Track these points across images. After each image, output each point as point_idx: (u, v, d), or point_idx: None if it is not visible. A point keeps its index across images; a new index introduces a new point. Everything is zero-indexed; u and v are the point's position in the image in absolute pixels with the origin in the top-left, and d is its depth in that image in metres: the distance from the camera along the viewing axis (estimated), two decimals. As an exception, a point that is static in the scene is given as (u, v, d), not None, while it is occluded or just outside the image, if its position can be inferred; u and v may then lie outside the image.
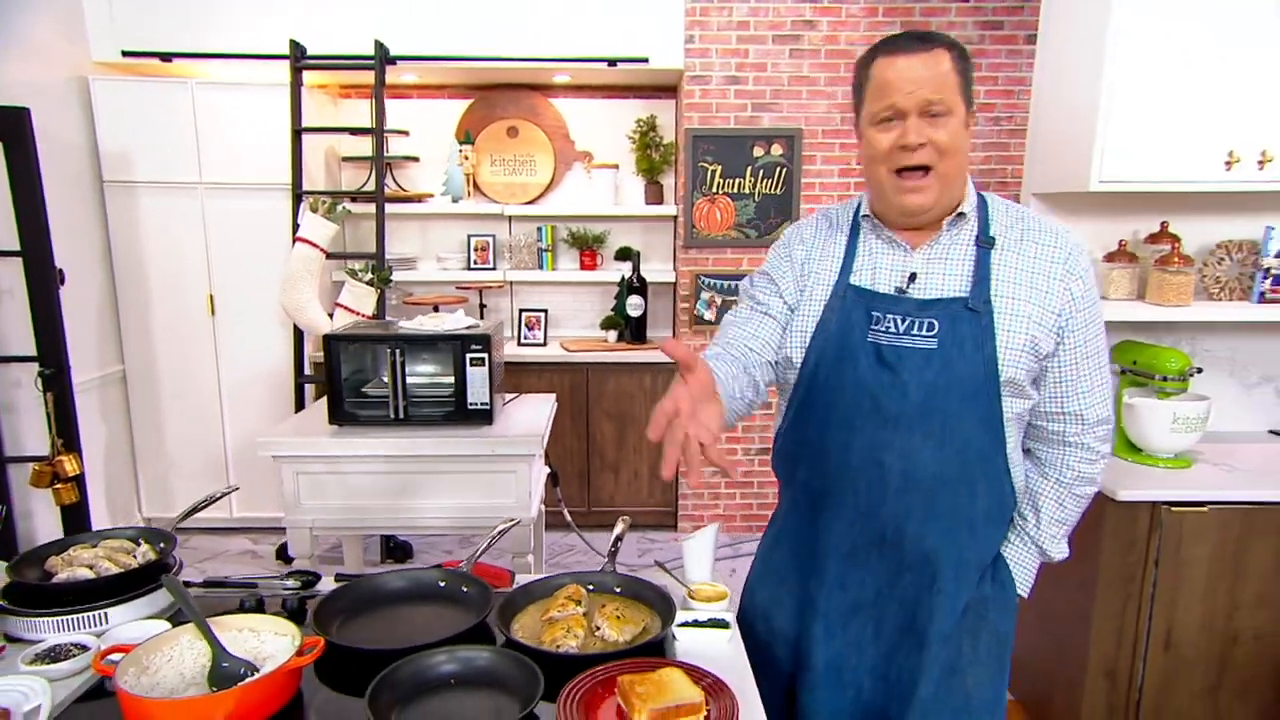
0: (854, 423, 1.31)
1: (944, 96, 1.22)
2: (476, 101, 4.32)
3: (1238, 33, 2.18)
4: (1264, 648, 2.27)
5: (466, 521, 2.55)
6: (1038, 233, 1.32)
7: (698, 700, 1.08)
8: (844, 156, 3.85)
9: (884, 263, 1.34)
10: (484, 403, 2.55)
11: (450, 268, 4.28)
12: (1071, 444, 1.39)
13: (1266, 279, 2.40)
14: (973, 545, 1.36)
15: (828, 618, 1.40)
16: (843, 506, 1.35)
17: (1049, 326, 1.29)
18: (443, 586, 1.47)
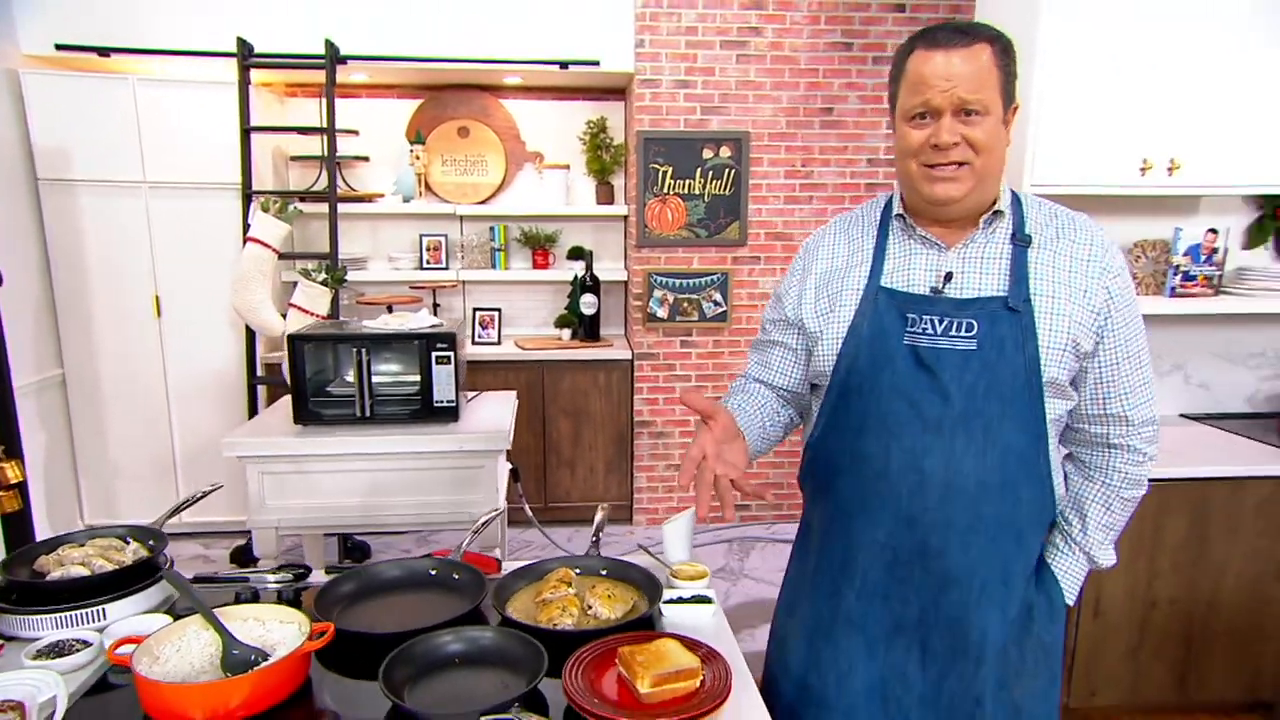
0: (892, 428, 1.26)
1: (981, 95, 1.18)
2: (427, 101, 4.33)
3: (1151, 49, 2.37)
4: (1177, 611, 2.48)
5: (434, 518, 2.59)
6: (1072, 230, 1.29)
7: (695, 665, 1.17)
8: (789, 159, 3.99)
9: (918, 263, 1.29)
10: (450, 400, 2.59)
11: (402, 267, 4.27)
12: (1116, 446, 1.34)
13: (1176, 275, 2.62)
14: (1019, 554, 1.31)
15: (868, 632, 1.33)
16: (883, 514, 1.29)
17: (1089, 325, 1.25)
18: (434, 575, 1.53)
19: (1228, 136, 2.42)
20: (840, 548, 1.36)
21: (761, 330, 1.50)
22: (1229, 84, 2.40)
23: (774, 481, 4.31)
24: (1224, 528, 2.43)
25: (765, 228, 4.05)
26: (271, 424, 2.64)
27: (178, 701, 1.10)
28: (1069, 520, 1.38)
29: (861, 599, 1.33)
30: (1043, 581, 1.37)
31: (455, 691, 1.19)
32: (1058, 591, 1.38)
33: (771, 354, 1.46)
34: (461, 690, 1.20)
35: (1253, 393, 2.94)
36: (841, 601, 1.36)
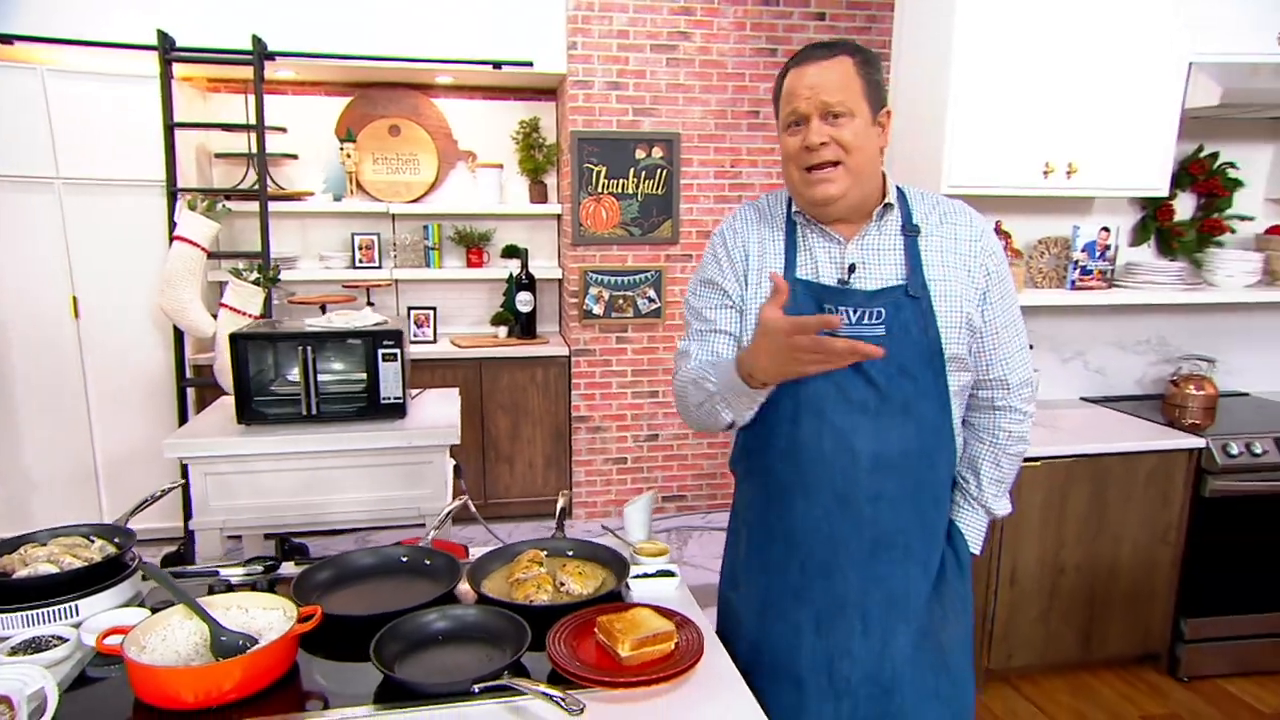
0: (823, 412, 1.36)
1: (843, 98, 1.30)
2: (356, 99, 4.28)
3: (1053, 62, 2.59)
4: (1082, 576, 2.72)
5: (383, 514, 2.60)
6: (953, 216, 1.42)
7: (670, 629, 1.27)
8: (718, 160, 4.13)
9: (822, 255, 1.40)
10: (397, 397, 2.61)
11: (334, 266, 4.22)
12: (1000, 408, 1.47)
13: (1075, 269, 2.87)
14: (936, 514, 1.44)
15: (816, 606, 1.42)
16: (820, 494, 1.39)
17: (975, 302, 1.38)
18: (405, 561, 1.57)
19: (1117, 143, 2.67)
20: (782, 528, 1.44)
21: (698, 319, 1.48)
22: (1119, 96, 2.64)
23: (707, 472, 4.45)
24: (1120, 498, 2.68)
25: (696, 226, 4.18)
26: (212, 425, 2.60)
27: (173, 685, 1.13)
28: (966, 479, 1.51)
29: (806, 574, 1.42)
30: (952, 538, 1.50)
31: (443, 665, 1.25)
32: (963, 545, 1.50)
33: (717, 342, 1.45)
34: (449, 664, 1.25)
35: (1141, 376, 3.23)
36: (788, 577, 1.44)
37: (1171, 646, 2.82)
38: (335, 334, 2.56)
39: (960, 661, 1.48)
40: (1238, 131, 3.12)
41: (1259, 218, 3.21)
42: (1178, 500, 2.70)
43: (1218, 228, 3.11)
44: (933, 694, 1.44)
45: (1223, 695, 2.75)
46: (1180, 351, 3.20)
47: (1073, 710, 2.66)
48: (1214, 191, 3.11)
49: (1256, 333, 3.27)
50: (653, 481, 4.41)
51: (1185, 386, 3.01)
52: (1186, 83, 2.67)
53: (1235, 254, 3.00)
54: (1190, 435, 2.68)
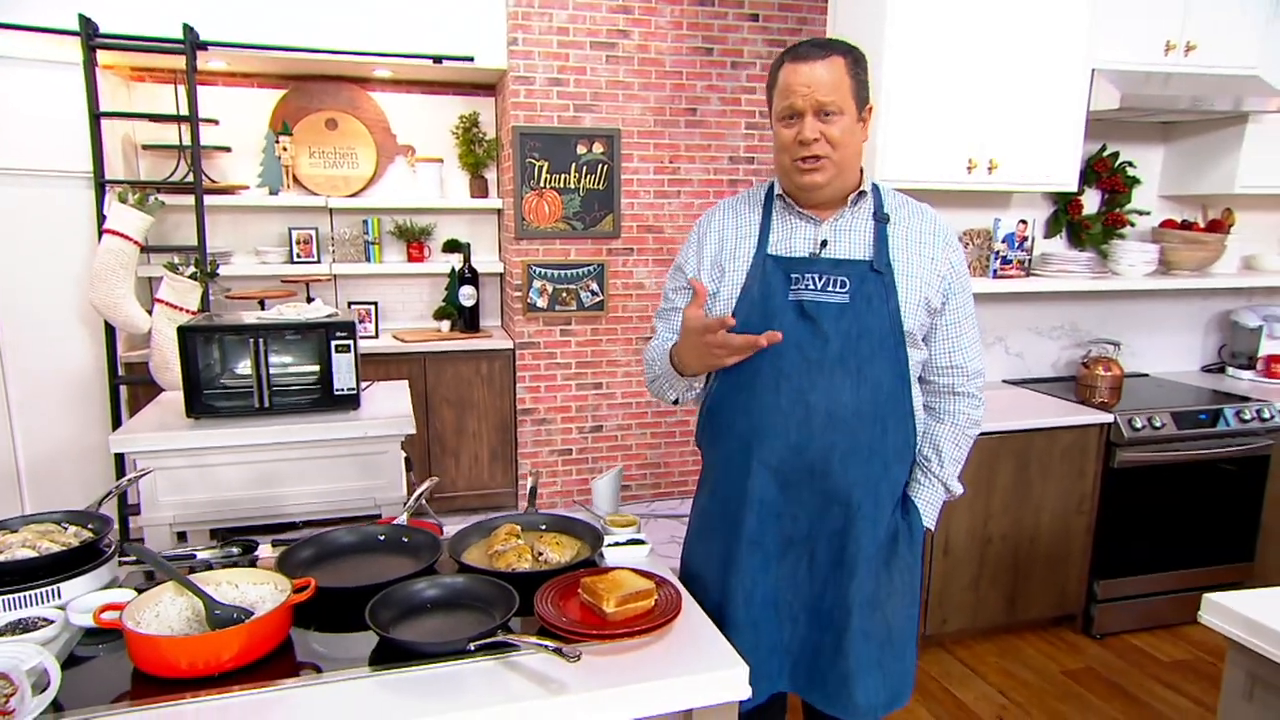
0: (783, 369, 1.50)
1: (836, 98, 1.43)
2: (291, 92, 4.23)
3: (976, 64, 2.79)
4: (1007, 546, 2.94)
5: (337, 505, 2.61)
6: (920, 215, 1.58)
7: (650, 587, 1.36)
8: (658, 156, 4.24)
9: (798, 234, 1.55)
10: (350, 388, 2.62)
11: (271, 261, 4.16)
12: (959, 394, 1.63)
13: (997, 259, 3.08)
14: (886, 479, 1.56)
15: (765, 548, 1.56)
16: (776, 443, 1.52)
17: (936, 287, 1.53)
18: (383, 539, 1.62)
19: (1032, 142, 2.89)
20: (739, 478, 1.56)
21: (665, 300, 1.69)
22: (1033, 98, 2.86)
23: (651, 461, 4.56)
24: (1040, 471, 2.90)
25: (638, 220, 4.28)
26: (157, 420, 2.57)
27: (174, 654, 1.16)
28: (928, 458, 1.65)
29: (760, 519, 1.55)
30: (906, 513, 1.63)
31: (436, 629, 1.32)
32: (917, 521, 1.64)
33: (678, 320, 1.62)
34: (442, 628, 1.32)
35: (1056, 360, 3.49)
36: (743, 526, 1.56)
37: (1086, 607, 3.07)
38: (289, 326, 2.56)
39: (904, 634, 1.61)
40: (1135, 134, 3.41)
41: (1154, 212, 3.51)
42: (1091, 472, 2.94)
43: (1120, 221, 3.38)
44: (876, 663, 1.57)
45: (1130, 649, 3.01)
46: (1090, 336, 3.47)
47: (1000, 669, 2.87)
48: (1116, 188, 3.39)
49: (1154, 318, 3.58)
50: (598, 472, 4.49)
51: (1095, 368, 3.27)
52: (1091, 87, 2.91)
53: (1135, 245, 3.28)
54: (1100, 412, 2.92)
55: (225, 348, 2.68)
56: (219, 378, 2.63)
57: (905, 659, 1.63)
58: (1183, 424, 2.93)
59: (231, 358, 2.69)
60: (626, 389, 4.43)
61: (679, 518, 4.29)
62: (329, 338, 2.58)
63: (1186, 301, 3.60)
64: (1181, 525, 3.04)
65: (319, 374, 2.60)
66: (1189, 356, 3.67)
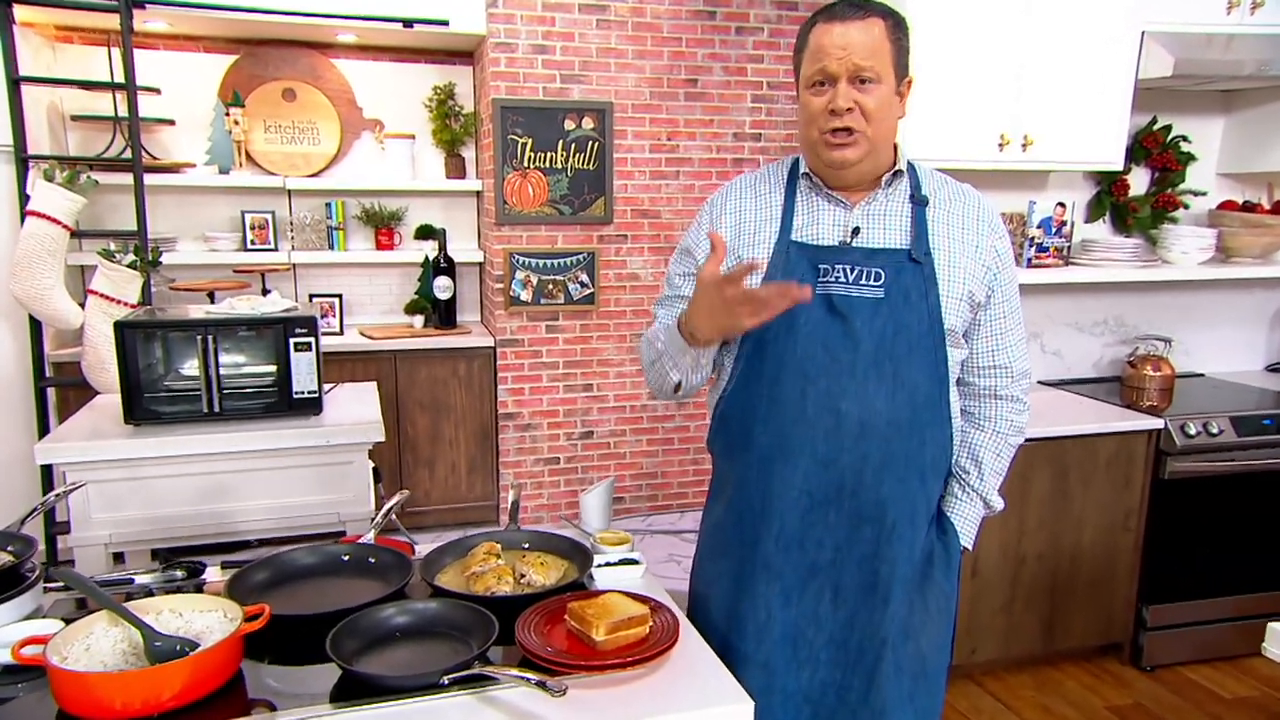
0: (809, 373, 1.46)
1: (874, 63, 1.39)
2: (244, 58, 4.21)
3: (1010, 33, 2.78)
4: (1044, 566, 2.93)
5: (296, 520, 2.59)
6: (961, 196, 1.54)
7: (644, 612, 1.35)
8: (654, 131, 4.23)
9: (825, 218, 1.51)
10: (312, 391, 2.60)
11: (222, 249, 4.14)
12: (1002, 397, 1.60)
13: (1032, 247, 3.08)
14: (922, 494, 1.53)
15: (784, 579, 1.52)
16: (801, 457, 1.48)
17: (980, 279, 1.50)
18: (348, 560, 1.61)
19: (1072, 115, 2.89)
20: (758, 496, 1.53)
21: (669, 285, 1.64)
22: (1073, 66, 2.85)
23: (647, 471, 4.55)
24: (1080, 483, 2.89)
25: (632, 204, 4.26)
26: (90, 427, 2.54)
27: (107, 693, 1.14)
28: (966, 469, 1.62)
29: (779, 545, 1.52)
30: (941, 531, 1.61)
31: (406, 661, 1.30)
32: (954, 540, 1.61)
33: (680, 308, 1.54)
34: (412, 660, 1.30)
35: (1098, 358, 3.48)
36: (759, 549, 1.53)
37: (1134, 635, 3.06)
38: (241, 322, 2.54)
39: (937, 666, 1.60)
40: (1190, 104, 3.40)
41: (1211, 192, 3.50)
42: (1138, 483, 2.94)
43: (1172, 203, 3.38)
44: (908, 699, 1.56)
45: (1186, 683, 3.00)
46: (1137, 332, 3.46)
47: (1038, 705, 2.86)
48: (1168, 166, 3.38)
49: (1210, 311, 3.57)
50: (588, 483, 4.45)
51: (1143, 368, 3.26)
52: (1140, 52, 2.90)
53: (1189, 230, 3.27)
54: (1149, 416, 2.91)
55: (169, 345, 2.65)
56: (162, 379, 2.61)
57: (937, 694, 1.62)
58: (1243, 430, 2.92)
59: (176, 357, 2.67)
60: (620, 391, 4.41)
61: (678, 534, 4.28)
62: (287, 335, 2.56)
63: (1248, 293, 3.59)
64: (1242, 544, 3.03)
65: (276, 375, 2.58)
66: (1250, 355, 3.67)
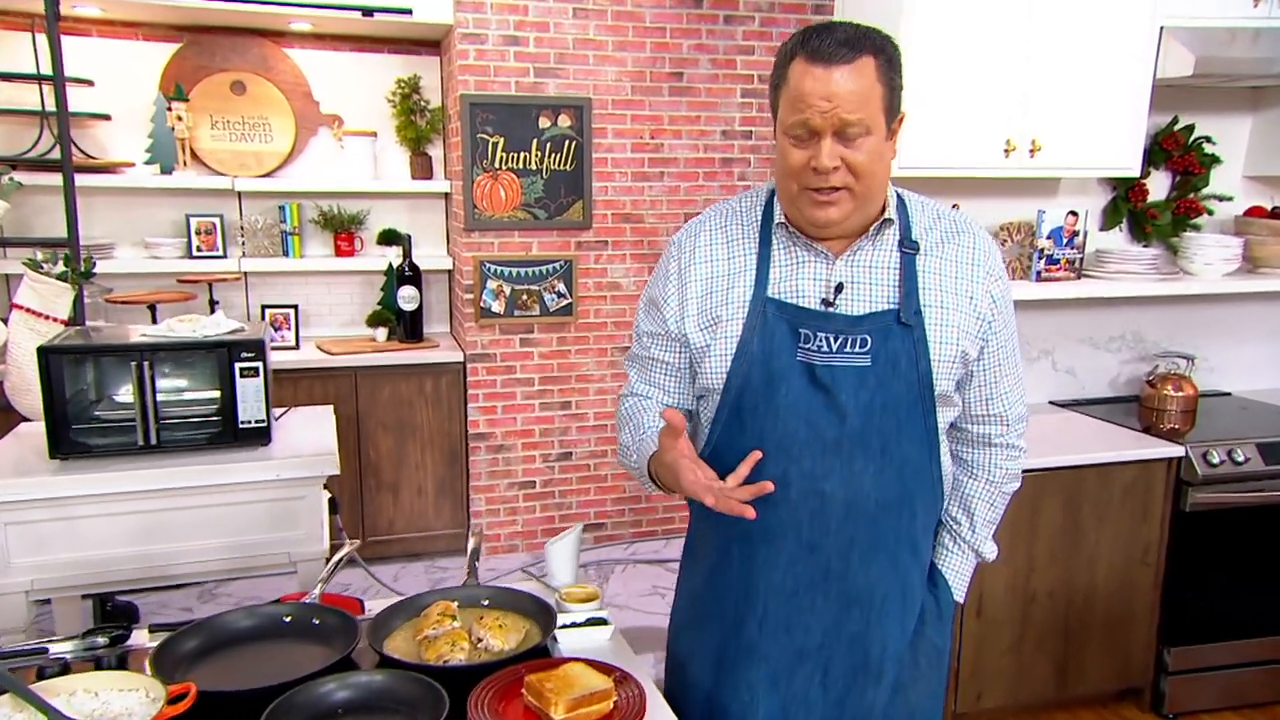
0: (790, 451, 1.42)
1: (864, 114, 1.31)
2: (187, 47, 4.17)
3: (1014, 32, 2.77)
4: (1055, 604, 2.92)
5: (243, 562, 2.56)
6: (956, 235, 1.49)
7: (608, 686, 1.33)
8: (637, 129, 4.21)
9: (805, 272, 1.45)
10: (259, 420, 2.58)
11: (164, 256, 4.12)
12: (997, 445, 1.60)
13: (1041, 259, 3.08)
14: (915, 565, 1.54)
15: (771, 663, 1.51)
16: (784, 541, 1.46)
17: (974, 332, 1.47)
18: (289, 622, 1.58)
19: (1085, 118, 2.88)
20: (740, 577, 1.53)
21: (637, 343, 1.63)
22: (1085, 66, 2.85)
23: (630, 495, 4.53)
24: (1094, 514, 2.89)
25: (612, 208, 4.25)
26: (11, 460, 2.51)
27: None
28: (957, 520, 1.63)
29: (764, 630, 1.52)
30: (932, 585, 1.61)
31: (346, 745, 1.28)
32: (945, 592, 1.62)
33: (654, 372, 1.60)
34: (353, 742, 1.28)
35: (1115, 376, 3.49)
36: (744, 631, 1.53)
37: (1155, 679, 3.06)
38: (180, 345, 2.51)
39: (929, 714, 1.61)
40: (1215, 102, 3.40)
41: (1237, 197, 3.50)
42: (1157, 515, 2.93)
43: (1194, 209, 3.38)
44: None
45: (1209, 730, 3.01)
46: (1157, 348, 3.47)
47: (1050, 755, 2.86)
48: (1190, 169, 3.39)
49: (1237, 326, 3.57)
50: (566, 508, 4.46)
51: (1163, 387, 3.27)
52: (1159, 49, 2.90)
53: (1213, 239, 3.27)
54: (1169, 443, 2.91)
55: (101, 371, 2.62)
56: (92, 408, 2.58)
57: None
58: (1271, 458, 2.92)
59: (108, 383, 2.64)
60: (600, 409, 4.40)
61: (663, 563, 4.27)
62: (232, 359, 2.53)
63: (1277, 306, 3.60)
64: (1272, 582, 3.03)
65: (220, 403, 2.56)
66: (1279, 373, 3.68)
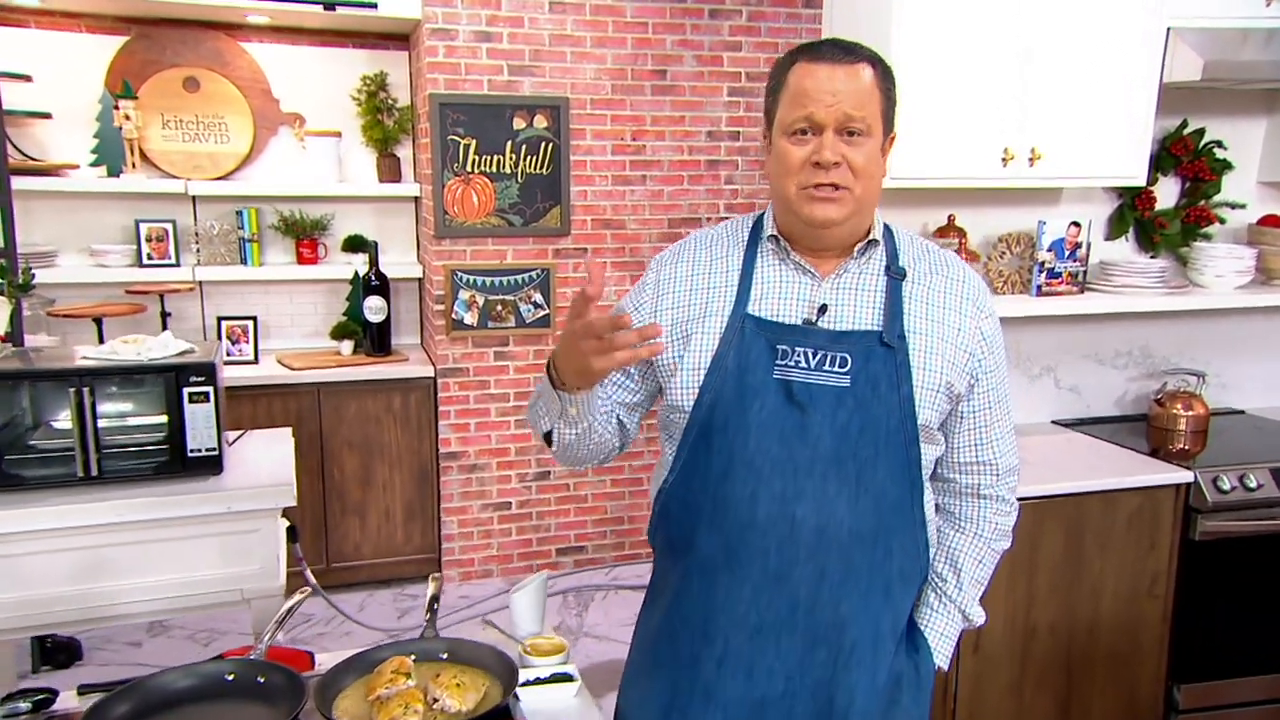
0: (760, 471, 1.43)
1: (865, 113, 1.39)
2: (135, 41, 4.14)
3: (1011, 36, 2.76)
4: (1058, 639, 2.91)
5: (193, 600, 2.54)
6: (945, 268, 1.54)
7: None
8: (617, 131, 4.20)
9: (790, 291, 1.49)
10: (210, 448, 2.56)
11: (112, 264, 4.09)
12: (986, 497, 1.60)
13: (1041, 272, 3.07)
14: (887, 611, 1.51)
15: (728, 711, 1.49)
16: (750, 569, 1.46)
17: (962, 367, 1.49)
18: (232, 680, 1.56)
19: (1087, 125, 2.86)
20: (700, 609, 1.52)
21: None
22: (1087, 70, 2.83)
23: (612, 516, 4.52)
24: (1098, 543, 2.87)
25: (592, 213, 4.24)
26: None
27: None
28: (943, 576, 1.62)
29: (722, 670, 1.50)
30: (912, 648, 1.59)
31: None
32: (926, 658, 1.60)
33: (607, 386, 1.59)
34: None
35: (1122, 394, 3.48)
36: (700, 671, 1.51)
37: (1165, 717, 3.05)
38: (122, 370, 2.48)
39: None
40: (1226, 104, 3.39)
41: (1251, 205, 3.50)
42: (1165, 544, 2.92)
43: (1205, 218, 3.38)
44: None
45: (1221, 771, 3.01)
46: (1166, 364, 3.46)
47: (1052, 798, 2.86)
48: (1200, 175, 3.38)
49: (1250, 341, 3.57)
50: (544, 530, 4.45)
51: (1172, 406, 3.26)
52: (1166, 51, 2.90)
53: (1225, 249, 3.27)
54: (1177, 468, 2.90)
55: (38, 395, 2.59)
56: (28, 436, 2.54)
57: None
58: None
59: (46, 409, 2.61)
60: (580, 427, 4.38)
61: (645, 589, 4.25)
62: (180, 384, 2.51)
63: (1292, 320, 3.61)
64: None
65: (167, 431, 2.53)
66: (1295, 390, 3.69)
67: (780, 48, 4.34)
